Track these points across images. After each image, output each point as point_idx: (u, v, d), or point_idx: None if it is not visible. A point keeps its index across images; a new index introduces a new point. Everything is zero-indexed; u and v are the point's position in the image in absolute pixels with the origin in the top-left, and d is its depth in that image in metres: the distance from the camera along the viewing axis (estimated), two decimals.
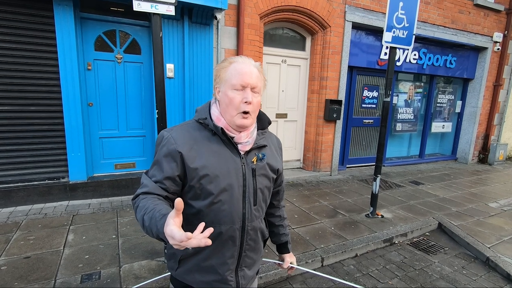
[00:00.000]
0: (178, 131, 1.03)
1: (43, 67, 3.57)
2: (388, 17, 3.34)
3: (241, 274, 1.12)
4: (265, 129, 1.16)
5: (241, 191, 1.04)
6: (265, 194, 1.13)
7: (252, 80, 1.01)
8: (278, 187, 1.31)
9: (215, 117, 1.05)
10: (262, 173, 1.10)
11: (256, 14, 4.49)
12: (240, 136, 1.04)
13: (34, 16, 3.45)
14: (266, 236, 1.25)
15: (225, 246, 1.06)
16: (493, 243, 3.33)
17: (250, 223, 1.08)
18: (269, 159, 1.13)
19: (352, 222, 3.64)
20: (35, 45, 3.50)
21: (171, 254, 1.12)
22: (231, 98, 1.00)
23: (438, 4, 6.10)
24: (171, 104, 4.10)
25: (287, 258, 1.37)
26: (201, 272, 1.07)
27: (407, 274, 2.78)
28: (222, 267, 1.07)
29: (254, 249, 1.14)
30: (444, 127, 7.48)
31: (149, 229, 0.87)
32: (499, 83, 7.35)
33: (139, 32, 4.07)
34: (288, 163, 5.74)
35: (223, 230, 1.03)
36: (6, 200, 3.56)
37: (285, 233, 1.37)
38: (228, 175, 1.02)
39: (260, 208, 1.12)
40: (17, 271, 2.39)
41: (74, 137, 3.75)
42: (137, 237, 3.02)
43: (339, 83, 5.44)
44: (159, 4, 2.31)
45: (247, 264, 1.14)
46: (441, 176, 6.07)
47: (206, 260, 1.06)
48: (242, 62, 1.02)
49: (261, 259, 1.26)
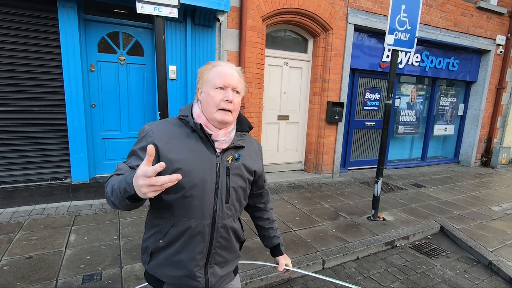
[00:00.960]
0: (159, 125, 1.08)
1: (47, 68, 3.60)
2: (390, 19, 3.35)
3: (210, 271, 1.13)
4: (244, 132, 1.20)
5: (213, 187, 1.07)
6: (239, 193, 1.15)
7: (233, 81, 1.08)
8: (260, 190, 1.34)
9: (196, 114, 1.10)
10: (236, 172, 1.13)
11: (259, 17, 4.50)
12: (217, 134, 1.08)
13: (38, 18, 3.48)
14: (242, 238, 1.25)
15: (194, 241, 1.07)
16: (496, 247, 3.30)
17: (221, 220, 1.10)
18: (245, 160, 1.16)
19: (354, 224, 3.63)
20: (39, 46, 3.53)
21: (144, 247, 1.14)
22: (213, 96, 1.06)
23: (441, 7, 6.10)
24: (173, 105, 4.11)
25: (281, 261, 1.39)
26: (171, 267, 1.09)
27: (408, 278, 2.77)
28: (191, 262, 1.08)
29: (225, 247, 1.15)
30: (447, 129, 7.45)
31: (117, 191, 0.88)
32: (502, 86, 7.33)
33: (142, 34, 4.10)
34: (290, 165, 5.74)
35: (192, 224, 1.06)
36: (9, 200, 3.58)
37: (276, 235, 1.39)
38: (202, 171, 1.05)
39: (232, 207, 1.13)
40: (19, 271, 2.40)
41: (76, 138, 3.77)
42: (138, 238, 3.03)
43: (341, 85, 5.44)
44: (162, 6, 2.33)
45: (217, 262, 1.15)
46: (443, 179, 6.04)
47: (176, 254, 1.08)
48: (224, 66, 1.10)
49: (237, 260, 1.26)
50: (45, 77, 3.61)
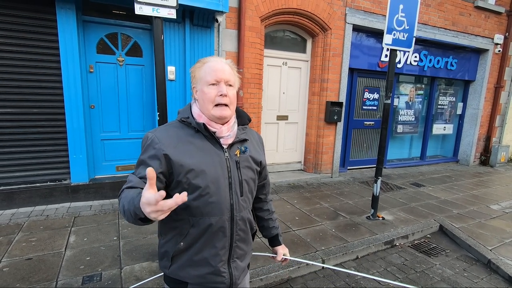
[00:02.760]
0: (162, 131, 1.08)
1: (46, 70, 3.60)
2: (389, 19, 3.35)
3: (233, 265, 1.15)
4: (245, 125, 1.21)
5: (227, 182, 1.09)
6: (251, 185, 1.18)
7: (225, 75, 1.08)
8: (263, 181, 1.36)
9: (196, 114, 1.11)
10: (246, 165, 1.15)
11: (257, 17, 4.51)
12: (221, 131, 1.10)
13: (37, 20, 3.48)
14: (255, 229, 1.29)
15: (216, 238, 1.08)
16: (495, 246, 3.31)
17: (239, 213, 1.12)
18: (251, 152, 1.18)
19: (353, 224, 3.63)
20: (38, 48, 3.53)
21: (163, 252, 1.14)
22: (207, 93, 1.07)
23: (439, 6, 6.11)
24: (172, 106, 4.11)
25: (279, 251, 1.41)
26: (194, 266, 1.09)
27: (408, 277, 2.78)
28: (215, 258, 1.09)
29: (244, 240, 1.18)
30: (445, 129, 7.47)
31: (128, 212, 0.89)
32: (500, 85, 7.35)
33: (140, 35, 4.10)
34: (289, 165, 5.75)
35: (213, 221, 1.07)
36: (8, 201, 3.58)
37: (275, 226, 1.42)
38: (214, 168, 1.06)
39: (246, 198, 1.16)
40: (19, 273, 2.40)
41: (76, 139, 3.77)
42: (138, 239, 3.03)
43: (340, 85, 5.45)
44: (160, 7, 2.33)
45: (239, 255, 1.17)
46: (442, 178, 6.05)
47: (198, 253, 1.08)
48: (214, 61, 1.10)
49: (251, 252, 1.29)
50: (44, 78, 3.60)
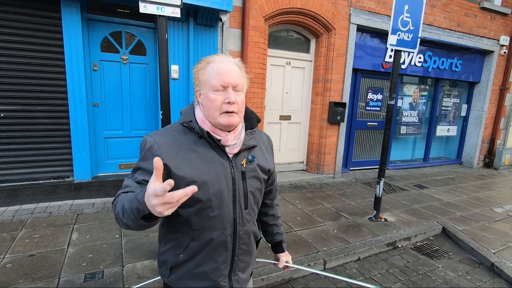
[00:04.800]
0: (163, 136, 0.98)
1: (50, 68, 3.62)
2: (393, 20, 3.34)
3: (234, 278, 1.10)
4: (254, 129, 1.11)
5: (231, 195, 1.01)
6: (257, 196, 1.10)
7: (233, 79, 0.95)
8: (270, 186, 1.29)
9: (200, 120, 1.01)
10: (252, 175, 1.06)
11: (261, 16, 4.50)
12: (227, 139, 1.00)
13: (42, 18, 3.50)
14: (259, 237, 1.22)
15: (216, 252, 1.03)
16: (498, 249, 3.29)
17: (242, 227, 1.05)
18: (259, 161, 1.08)
19: (355, 225, 3.62)
20: (43, 45, 3.55)
21: (162, 261, 1.08)
22: (213, 100, 0.95)
23: (444, 7, 6.07)
24: (175, 105, 4.11)
25: (282, 258, 1.36)
26: (194, 279, 1.04)
27: (410, 279, 2.76)
28: (215, 273, 1.04)
29: (247, 252, 1.12)
30: (449, 130, 7.42)
31: (129, 211, 0.80)
32: (506, 86, 7.28)
33: (145, 34, 4.11)
34: (291, 165, 5.74)
35: (214, 236, 1.00)
36: (12, 198, 3.60)
37: (279, 232, 1.35)
38: (217, 180, 0.98)
39: (251, 211, 1.09)
40: (22, 269, 2.41)
41: (79, 137, 3.79)
42: (140, 237, 3.04)
43: (343, 85, 5.43)
44: (165, 6, 2.33)
45: (241, 268, 1.11)
46: (445, 180, 6.02)
47: (199, 267, 1.03)
48: (219, 61, 0.96)
49: (255, 260, 1.23)
50: (49, 76, 3.62)
